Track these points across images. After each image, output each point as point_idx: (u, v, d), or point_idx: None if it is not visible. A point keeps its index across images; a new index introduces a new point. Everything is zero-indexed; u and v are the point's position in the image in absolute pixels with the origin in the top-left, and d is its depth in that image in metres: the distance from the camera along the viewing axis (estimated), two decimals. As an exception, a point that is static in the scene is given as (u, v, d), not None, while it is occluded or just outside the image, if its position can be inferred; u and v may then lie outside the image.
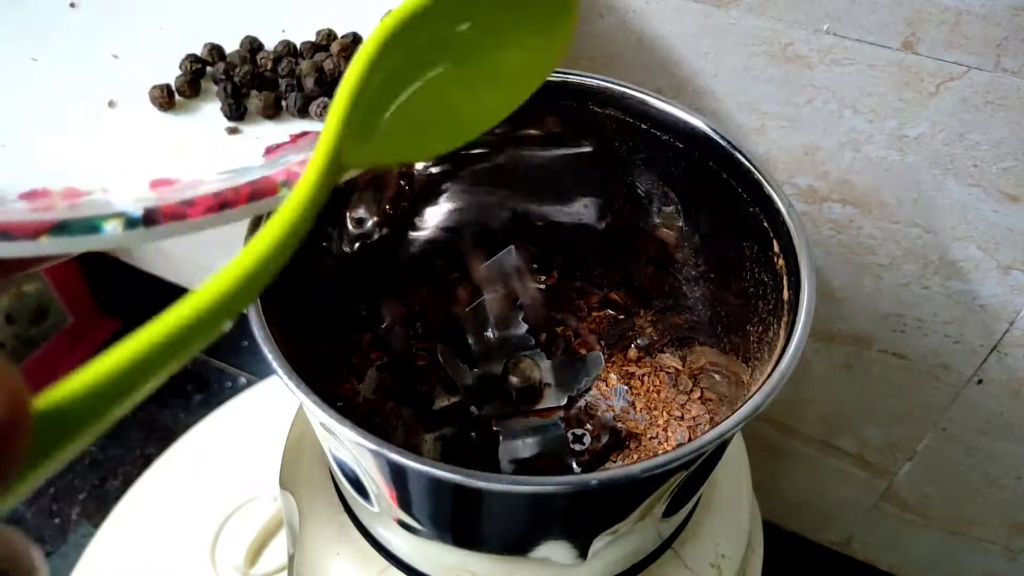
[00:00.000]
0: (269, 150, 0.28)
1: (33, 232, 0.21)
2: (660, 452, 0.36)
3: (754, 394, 0.25)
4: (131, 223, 0.21)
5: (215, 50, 0.29)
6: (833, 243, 0.45)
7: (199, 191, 0.23)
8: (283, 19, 0.32)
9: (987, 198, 0.39)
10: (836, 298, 0.47)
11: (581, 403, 0.38)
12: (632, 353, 0.39)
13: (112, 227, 0.21)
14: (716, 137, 0.33)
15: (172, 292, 0.84)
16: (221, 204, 0.22)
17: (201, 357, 0.88)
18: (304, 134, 0.28)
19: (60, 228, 0.21)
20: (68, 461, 0.13)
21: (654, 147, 0.35)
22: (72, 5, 0.31)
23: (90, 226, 0.21)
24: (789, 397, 0.55)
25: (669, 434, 0.36)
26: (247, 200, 0.23)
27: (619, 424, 0.37)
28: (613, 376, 0.39)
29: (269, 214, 0.21)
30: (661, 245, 0.38)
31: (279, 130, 0.28)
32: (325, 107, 0.28)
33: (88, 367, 0.13)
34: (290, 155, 0.26)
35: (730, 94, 0.41)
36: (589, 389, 0.38)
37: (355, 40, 0.30)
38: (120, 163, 0.26)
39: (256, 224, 0.29)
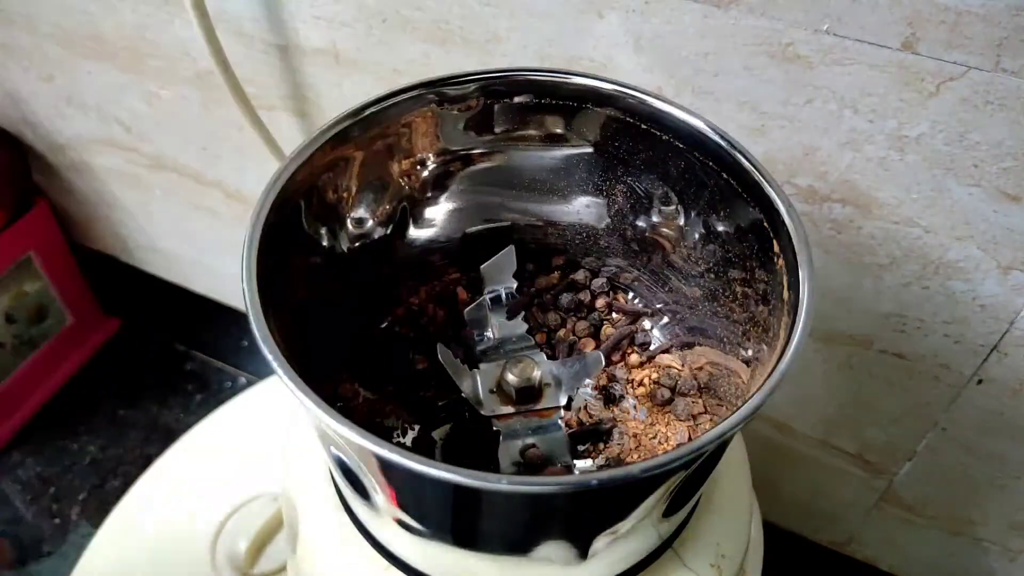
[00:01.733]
0: None
1: None
2: (660, 452, 0.36)
3: (754, 394, 0.25)
4: None
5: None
6: (833, 243, 0.45)
7: None
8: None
9: (987, 198, 0.39)
10: (836, 298, 0.47)
11: (581, 403, 0.38)
12: (632, 353, 0.39)
13: None
14: (716, 137, 0.33)
15: (172, 292, 0.84)
16: None
17: (201, 357, 0.88)
18: None
19: None
20: None
21: (654, 147, 0.35)
22: None
23: None
24: (789, 397, 0.55)
25: (669, 434, 0.36)
26: None
27: (615, 421, 0.37)
28: (614, 376, 0.39)
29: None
30: (661, 245, 0.38)
31: None
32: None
33: None
34: None
35: (730, 94, 0.41)
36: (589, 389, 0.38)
37: None
38: None
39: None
